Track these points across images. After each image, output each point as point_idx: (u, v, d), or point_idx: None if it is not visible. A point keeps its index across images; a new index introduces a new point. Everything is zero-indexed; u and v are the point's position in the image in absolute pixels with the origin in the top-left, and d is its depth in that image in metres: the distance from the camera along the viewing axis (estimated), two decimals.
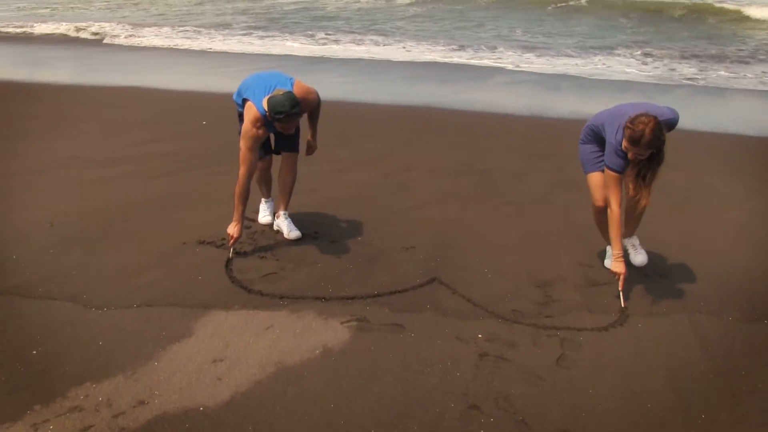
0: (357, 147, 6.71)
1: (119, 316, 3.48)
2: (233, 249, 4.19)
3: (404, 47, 12.94)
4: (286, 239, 4.50)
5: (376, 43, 13.35)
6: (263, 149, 4.35)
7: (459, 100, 8.82)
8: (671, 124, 3.59)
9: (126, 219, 4.73)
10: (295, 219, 4.62)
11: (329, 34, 14.30)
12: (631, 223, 4.03)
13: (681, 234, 4.78)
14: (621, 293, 3.77)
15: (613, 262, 3.78)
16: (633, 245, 4.12)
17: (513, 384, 3.02)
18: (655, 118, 3.38)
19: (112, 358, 3.12)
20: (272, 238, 4.52)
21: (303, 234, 4.52)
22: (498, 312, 3.66)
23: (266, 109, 3.86)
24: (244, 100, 4.09)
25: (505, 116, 8.13)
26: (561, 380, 3.07)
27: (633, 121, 3.39)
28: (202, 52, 12.75)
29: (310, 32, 14.55)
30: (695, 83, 10.06)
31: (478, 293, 3.86)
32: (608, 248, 4.19)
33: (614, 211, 3.67)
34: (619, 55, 11.87)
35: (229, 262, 4.13)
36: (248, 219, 4.76)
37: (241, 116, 4.25)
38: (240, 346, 3.24)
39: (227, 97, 4.62)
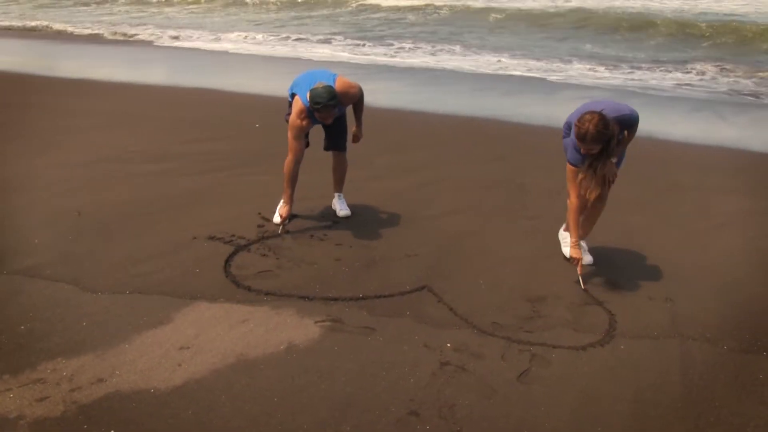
0: (398, 156, 6.75)
1: (110, 300, 3.68)
2: (282, 227, 4.62)
3: (477, 58, 12.87)
4: (292, 240, 4.62)
5: (451, 53, 13.35)
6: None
7: (519, 114, 8.68)
8: (625, 120, 3.83)
9: (149, 212, 4.99)
10: (308, 220, 4.80)
11: (404, 42, 14.44)
12: (586, 223, 4.25)
13: (699, 257, 4.52)
14: (580, 278, 4.03)
15: (570, 249, 4.07)
16: (582, 248, 4.25)
17: (463, 395, 2.98)
18: (599, 114, 3.60)
19: (89, 338, 3.30)
20: (280, 238, 4.63)
21: (312, 236, 4.66)
22: (477, 323, 3.61)
23: (308, 98, 4.25)
24: (293, 95, 4.50)
25: (559, 131, 7.93)
26: (515, 395, 2.99)
27: (580, 119, 3.65)
28: (271, 58, 13.18)
29: (388, 40, 14.78)
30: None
31: (465, 303, 3.82)
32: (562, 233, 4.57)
33: (573, 202, 3.97)
34: (691, 71, 11.30)
35: (230, 257, 4.27)
36: (264, 219, 4.91)
37: (290, 105, 4.64)
38: (210, 337, 3.36)
39: (285, 101, 4.86)
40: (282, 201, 4.74)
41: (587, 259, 4.29)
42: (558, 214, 5.24)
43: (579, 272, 4.04)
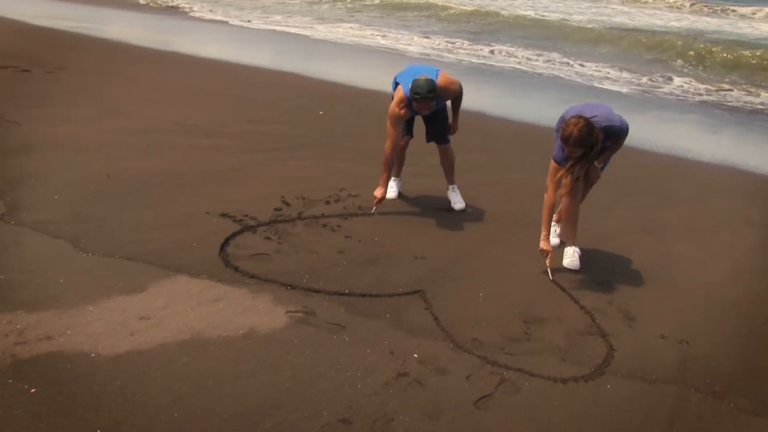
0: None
1: (97, 262, 3.70)
2: (374, 209, 4.78)
3: (580, 69, 12.36)
4: (304, 227, 4.53)
5: (550, 61, 12.91)
6: (405, 129, 4.96)
7: None
8: (614, 131, 3.90)
9: (178, 183, 5.02)
10: (334, 211, 4.80)
11: (507, 46, 14.12)
12: (566, 225, 4.31)
13: (736, 296, 4.03)
14: (549, 269, 4.11)
15: (541, 242, 4.11)
16: (571, 252, 4.29)
17: (407, 411, 2.74)
18: (585, 119, 3.67)
19: (59, 295, 3.32)
20: (291, 223, 4.53)
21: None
22: (457, 337, 3.34)
23: (409, 89, 4.42)
24: (397, 84, 4.69)
25: (635, 150, 7.40)
26: (463, 420, 2.73)
27: (567, 122, 3.71)
28: (365, 48, 13.18)
29: (490, 42, 14.47)
30: None
31: (453, 314, 3.56)
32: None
33: (548, 196, 4.03)
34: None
35: (233, 236, 4.21)
36: (284, 203, 4.84)
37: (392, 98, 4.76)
38: (175, 311, 3.29)
39: (363, 92, 4.84)
40: (379, 185, 4.82)
41: (572, 264, 4.26)
42: (597, 232, 4.86)
43: (548, 264, 4.11)
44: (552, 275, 4.09)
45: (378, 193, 4.77)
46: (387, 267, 4.07)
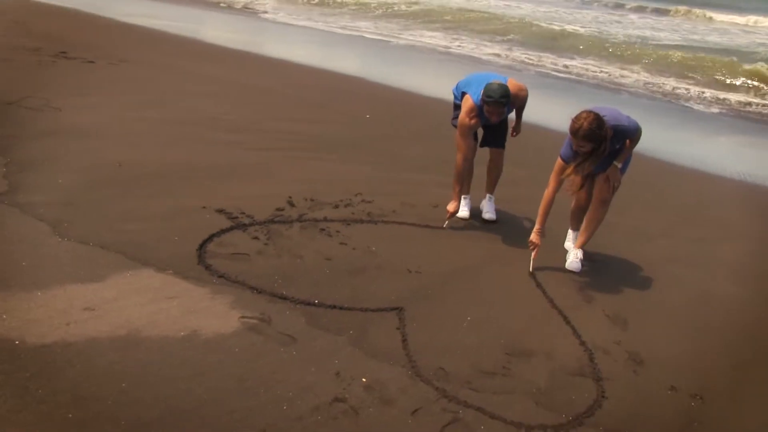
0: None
1: (69, 248, 3.57)
2: (447, 223, 4.62)
3: (648, 80, 11.61)
4: (299, 230, 4.30)
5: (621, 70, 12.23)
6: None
7: (662, 150, 7.53)
8: (621, 130, 3.84)
9: (184, 176, 4.89)
10: (339, 215, 4.54)
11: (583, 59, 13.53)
12: (586, 226, 4.22)
13: None
14: (532, 261, 4.07)
15: (532, 234, 4.07)
16: (574, 253, 4.24)
17: None
18: (595, 114, 3.66)
19: (14, 277, 3.20)
20: (287, 225, 4.30)
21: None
22: (420, 363, 2.97)
23: (481, 92, 4.31)
24: (463, 93, 4.56)
25: (699, 173, 6.75)
26: None
27: (577, 115, 3.69)
28: (443, 55, 12.88)
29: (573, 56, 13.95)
30: None
31: (427, 338, 3.21)
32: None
33: (548, 192, 3.99)
34: None
35: (219, 233, 4.01)
36: (289, 203, 4.63)
37: (455, 107, 4.74)
38: (124, 304, 3.10)
39: (419, 99, 4.66)
40: (452, 199, 4.68)
41: (573, 266, 4.18)
42: (628, 260, 4.35)
43: (533, 256, 4.06)
44: (532, 268, 4.06)
45: (451, 207, 4.61)
46: (373, 279, 3.75)
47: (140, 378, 2.61)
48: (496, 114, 4.38)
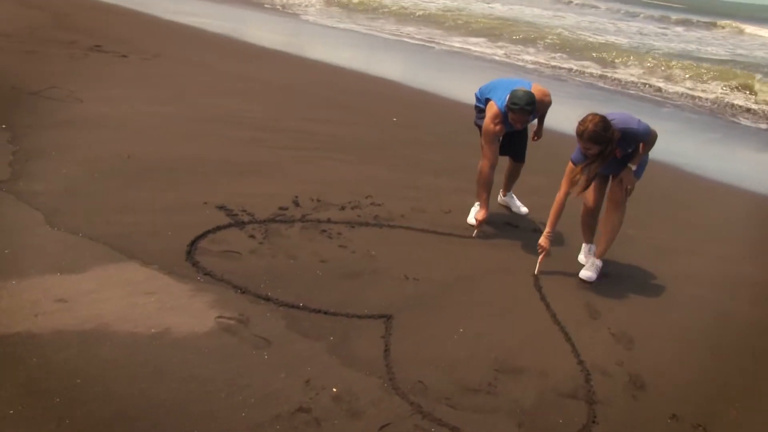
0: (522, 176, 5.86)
1: (58, 238, 3.52)
2: (476, 232, 4.49)
3: (692, 93, 11.23)
4: (300, 230, 4.19)
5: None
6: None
7: (696, 165, 7.20)
8: (630, 133, 3.76)
9: (192, 171, 4.83)
10: (344, 217, 4.42)
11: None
12: (602, 233, 4.12)
13: None
14: (538, 264, 4.01)
15: (542, 238, 4.01)
16: (591, 261, 4.12)
17: None
18: (601, 117, 3.64)
19: None
20: (287, 224, 4.19)
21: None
22: (400, 375, 2.80)
23: (507, 99, 4.21)
24: (487, 100, 4.44)
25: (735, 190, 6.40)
26: None
27: (584, 118, 3.68)
28: (484, 62, 12.68)
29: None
30: None
31: (413, 348, 3.04)
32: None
33: (560, 196, 3.92)
34: None
35: (214, 230, 3.92)
36: (294, 203, 4.52)
37: (478, 109, 4.64)
38: (98, 298, 3.02)
39: (452, 104, 4.58)
40: (477, 205, 4.62)
41: (587, 276, 4.04)
42: (649, 277, 4.09)
43: (539, 260, 4.00)
44: (537, 271, 3.99)
45: (480, 215, 4.49)
46: (367, 284, 3.59)
47: (98, 375, 2.50)
48: (521, 121, 4.31)
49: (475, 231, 4.51)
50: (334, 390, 2.64)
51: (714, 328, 3.71)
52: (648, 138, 3.85)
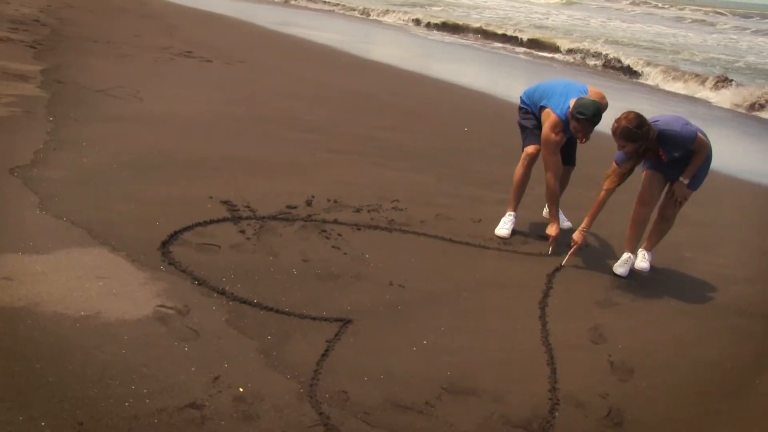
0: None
1: (41, 220, 3.52)
2: (551, 249, 4.22)
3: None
4: (297, 229, 4.04)
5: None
6: None
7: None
8: (672, 135, 3.66)
9: (215, 168, 4.81)
10: (355, 219, 4.23)
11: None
12: (651, 236, 4.09)
13: None
14: (567, 257, 4.01)
15: (576, 232, 4.02)
16: (643, 255, 4.05)
17: None
18: (636, 114, 3.61)
19: None
20: (286, 223, 4.03)
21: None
22: (323, 382, 2.53)
23: (571, 107, 3.95)
24: (542, 108, 4.20)
25: None
26: None
27: (619, 117, 3.62)
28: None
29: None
30: None
31: (358, 357, 2.79)
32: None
33: (601, 194, 3.86)
34: None
35: (206, 223, 3.83)
36: (306, 203, 4.38)
37: (523, 111, 4.44)
38: (46, 279, 2.96)
39: None
40: (508, 215, 4.48)
41: (642, 267, 3.98)
42: (691, 300, 3.56)
43: (570, 253, 4.01)
44: (565, 262, 3.99)
45: (552, 230, 4.24)
46: (343, 287, 3.35)
47: (5, 348, 2.42)
48: (584, 132, 3.99)
49: (550, 248, 4.22)
50: (240, 390, 2.41)
51: (740, 367, 3.08)
52: (694, 144, 3.66)
